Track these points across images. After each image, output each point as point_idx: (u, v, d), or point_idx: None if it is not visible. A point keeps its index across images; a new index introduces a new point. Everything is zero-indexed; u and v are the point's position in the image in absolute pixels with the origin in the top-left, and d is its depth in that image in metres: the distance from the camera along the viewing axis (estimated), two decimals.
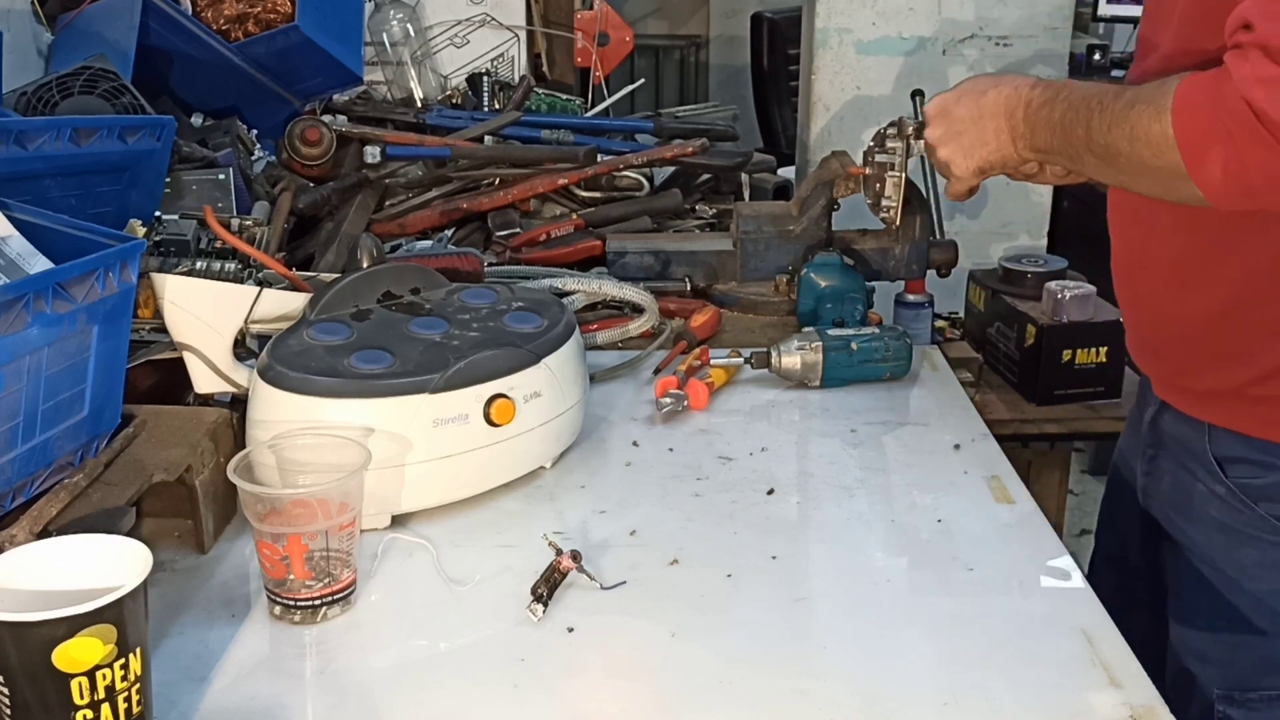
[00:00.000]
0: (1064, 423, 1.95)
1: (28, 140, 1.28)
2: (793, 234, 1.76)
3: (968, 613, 1.04)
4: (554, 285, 1.68)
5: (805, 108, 2.53)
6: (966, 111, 1.25)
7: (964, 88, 1.28)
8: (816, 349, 1.48)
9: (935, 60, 2.41)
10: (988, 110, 1.23)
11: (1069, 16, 2.40)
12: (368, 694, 0.94)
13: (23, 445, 0.98)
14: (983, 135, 1.24)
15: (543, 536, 1.10)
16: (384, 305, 1.28)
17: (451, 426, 1.16)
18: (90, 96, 1.68)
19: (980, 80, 1.26)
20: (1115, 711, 0.90)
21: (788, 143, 3.94)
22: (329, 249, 1.82)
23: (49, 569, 0.87)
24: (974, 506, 1.22)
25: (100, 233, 1.10)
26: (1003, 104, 1.21)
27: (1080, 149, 1.13)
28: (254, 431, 1.15)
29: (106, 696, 0.80)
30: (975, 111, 1.24)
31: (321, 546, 1.02)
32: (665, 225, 2.10)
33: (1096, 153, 1.11)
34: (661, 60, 5.72)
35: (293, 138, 2.04)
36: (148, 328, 1.29)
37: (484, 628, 1.02)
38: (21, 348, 0.95)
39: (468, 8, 2.78)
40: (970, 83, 1.28)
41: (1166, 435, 1.29)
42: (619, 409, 1.44)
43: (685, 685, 0.95)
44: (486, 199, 2.07)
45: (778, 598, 1.07)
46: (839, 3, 2.38)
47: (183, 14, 2.08)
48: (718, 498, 1.24)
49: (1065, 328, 1.92)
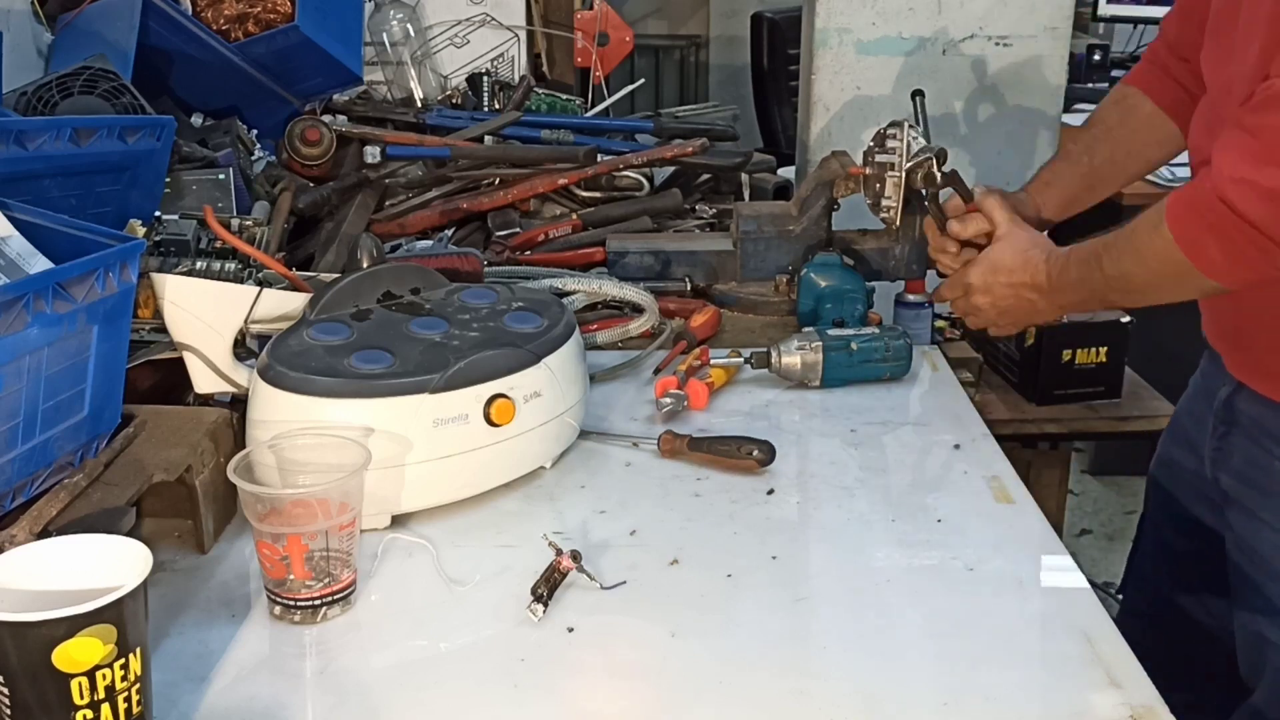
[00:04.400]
0: (1064, 423, 1.96)
1: (28, 140, 1.28)
2: (793, 234, 1.76)
3: (968, 613, 1.04)
4: (554, 285, 1.68)
5: (805, 108, 2.53)
6: (1002, 294, 1.41)
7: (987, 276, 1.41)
8: (816, 349, 1.48)
9: (935, 60, 2.40)
10: (1019, 285, 1.38)
11: (1069, 16, 2.39)
12: (368, 694, 0.94)
13: (23, 445, 0.98)
14: (1020, 308, 1.41)
15: (543, 536, 1.10)
16: (384, 305, 1.28)
17: (451, 426, 1.16)
18: (90, 96, 1.68)
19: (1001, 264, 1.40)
20: (1115, 711, 0.90)
21: (788, 143, 3.94)
22: (329, 249, 1.82)
23: (49, 569, 0.87)
24: (974, 506, 1.22)
25: (100, 233, 1.10)
26: (1028, 281, 1.37)
27: (1101, 290, 1.29)
28: (254, 431, 1.15)
29: (106, 696, 0.80)
30: (1008, 292, 1.40)
31: (321, 546, 1.02)
32: (665, 225, 2.10)
33: (1116, 286, 1.26)
34: (661, 60, 5.71)
35: (293, 138, 2.04)
36: (148, 328, 1.29)
37: (484, 628, 1.02)
38: (21, 348, 0.95)
39: (468, 8, 2.78)
40: (990, 270, 1.41)
41: (1241, 413, 1.33)
42: (619, 409, 1.44)
43: (685, 685, 0.95)
44: (486, 199, 2.07)
45: (778, 598, 1.07)
46: (839, 3, 2.38)
47: (183, 14, 2.08)
48: (718, 498, 1.24)
49: (1065, 328, 1.92)
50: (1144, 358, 2.10)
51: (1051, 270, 1.34)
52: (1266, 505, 1.29)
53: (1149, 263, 1.21)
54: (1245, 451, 1.32)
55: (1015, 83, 2.40)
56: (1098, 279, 1.27)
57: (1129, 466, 3.32)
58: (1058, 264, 1.33)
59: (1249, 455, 1.31)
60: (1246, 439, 1.32)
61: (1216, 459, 1.37)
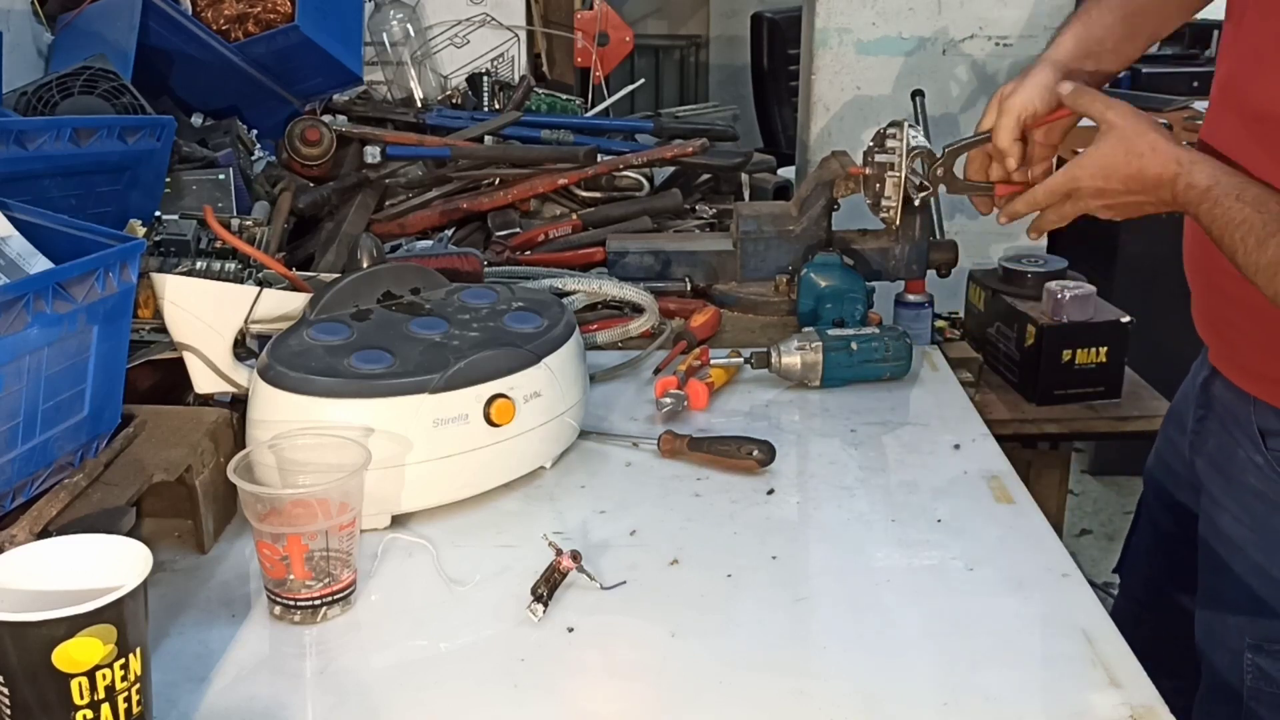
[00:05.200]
0: (1064, 423, 1.95)
1: (28, 140, 1.28)
2: (793, 234, 1.76)
3: (968, 613, 1.04)
4: (554, 285, 1.68)
5: (805, 108, 2.53)
6: (1117, 196, 1.23)
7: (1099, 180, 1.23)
8: (816, 349, 1.48)
9: (935, 60, 2.41)
10: (1136, 190, 1.21)
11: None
12: (368, 694, 0.94)
13: (23, 445, 0.98)
14: (1133, 210, 1.23)
15: (543, 536, 1.10)
16: (384, 305, 1.28)
17: (451, 426, 1.16)
18: (90, 96, 1.68)
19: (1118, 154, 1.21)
20: (1115, 711, 0.90)
21: (788, 143, 3.94)
22: (329, 249, 1.82)
23: (49, 569, 0.87)
24: (974, 506, 1.22)
25: (100, 233, 1.10)
26: (1151, 189, 1.19)
27: (1226, 256, 1.14)
28: (254, 431, 1.15)
29: (106, 696, 0.80)
30: (1125, 193, 1.22)
31: (321, 546, 1.02)
32: (665, 225, 2.10)
33: (1243, 271, 1.13)
34: (661, 60, 5.72)
35: (293, 138, 2.04)
36: (148, 328, 1.29)
37: (484, 628, 1.02)
38: (21, 348, 0.95)
39: (468, 8, 2.78)
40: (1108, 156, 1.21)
41: (1216, 400, 1.33)
42: (619, 409, 1.44)
43: (685, 685, 0.95)
44: (486, 199, 2.07)
45: (778, 598, 1.07)
46: (839, 3, 2.38)
47: (183, 14, 2.08)
48: (718, 498, 1.24)
49: (1065, 328, 1.92)
50: (1144, 358, 2.10)
51: (1180, 193, 1.16)
52: (1229, 491, 1.30)
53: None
54: (1217, 436, 1.33)
55: None
56: (1225, 249, 1.13)
57: (1129, 466, 3.31)
58: (1190, 190, 1.16)
59: (1220, 441, 1.32)
60: (1219, 424, 1.33)
61: (1195, 443, 1.38)
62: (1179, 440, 1.43)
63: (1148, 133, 1.20)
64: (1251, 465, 1.26)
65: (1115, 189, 1.21)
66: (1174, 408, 1.49)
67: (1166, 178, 1.17)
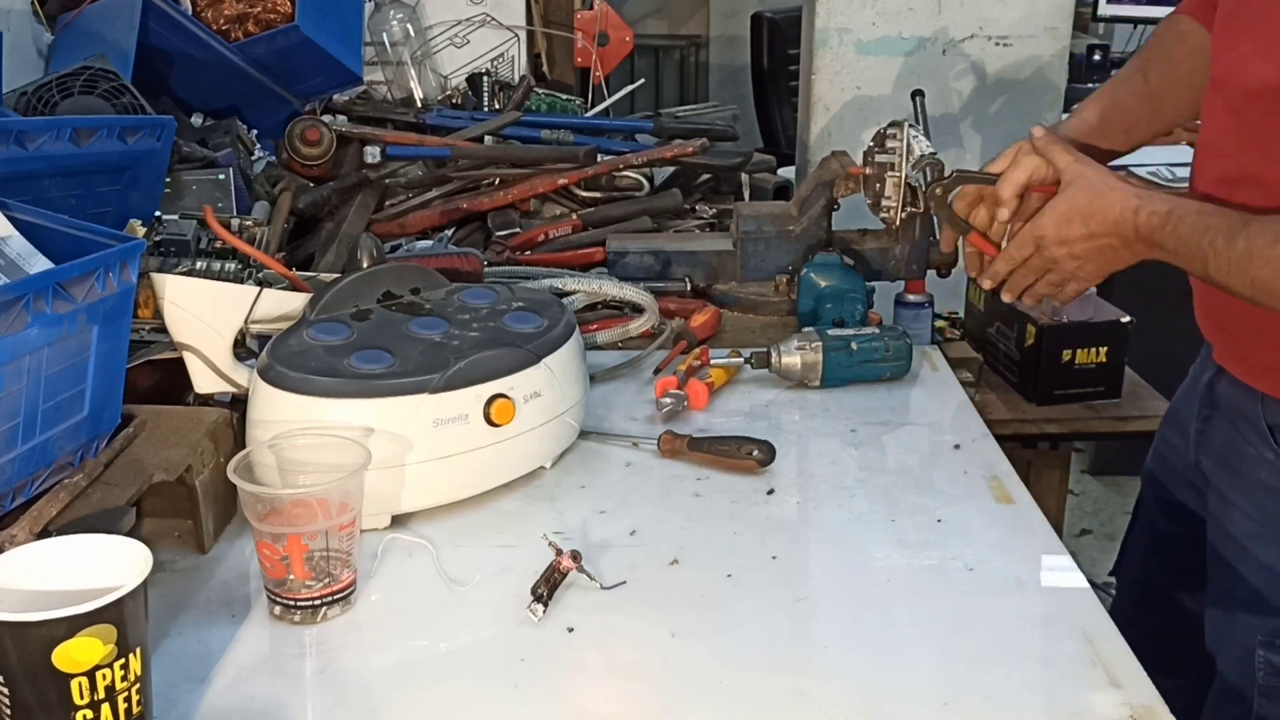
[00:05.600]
0: (1064, 423, 1.95)
1: (28, 140, 1.28)
2: (793, 234, 1.76)
3: (968, 613, 1.04)
4: (554, 285, 1.68)
5: (805, 108, 2.53)
6: (1080, 244, 1.25)
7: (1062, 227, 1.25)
8: (816, 349, 1.48)
9: (935, 60, 2.41)
10: (1099, 235, 1.23)
11: (1069, 16, 2.40)
12: (368, 694, 0.94)
13: (23, 445, 0.98)
14: (1102, 257, 1.25)
15: (543, 536, 1.10)
16: (384, 305, 1.28)
17: (451, 426, 1.16)
18: (90, 96, 1.68)
19: (1075, 210, 1.24)
20: (1115, 711, 0.90)
21: (788, 143, 3.94)
22: (329, 249, 1.82)
23: (49, 569, 0.87)
24: (974, 506, 1.22)
25: (100, 233, 1.10)
26: (1112, 227, 1.21)
27: (1197, 274, 1.17)
28: (254, 431, 1.15)
29: (106, 696, 0.80)
30: (1088, 243, 1.24)
31: (321, 546, 1.02)
32: (665, 225, 2.10)
33: (1216, 283, 1.14)
34: (661, 60, 5.71)
35: (293, 138, 2.04)
36: (148, 328, 1.29)
37: (484, 628, 1.02)
38: (21, 348, 0.95)
39: (468, 8, 2.78)
40: (1064, 220, 1.24)
41: (1221, 398, 1.33)
42: (619, 409, 1.44)
43: (685, 685, 0.95)
44: (486, 199, 2.07)
45: (778, 598, 1.07)
46: (839, 3, 2.38)
47: (183, 14, 2.08)
48: (718, 498, 1.24)
49: (1065, 328, 1.92)
50: (1144, 358, 2.09)
51: (1141, 223, 1.19)
52: (1238, 487, 1.30)
53: (1261, 297, 1.09)
54: (1224, 435, 1.33)
55: (1015, 83, 2.40)
56: (1196, 268, 1.15)
57: (1129, 466, 3.31)
58: (1149, 221, 1.18)
59: (1227, 439, 1.32)
60: (1225, 423, 1.33)
61: (1200, 442, 1.38)
62: (1179, 440, 1.43)
63: (1109, 178, 1.23)
64: (1262, 462, 1.26)
65: (1077, 235, 1.23)
66: (1173, 408, 1.49)
67: (1128, 211, 1.19)
